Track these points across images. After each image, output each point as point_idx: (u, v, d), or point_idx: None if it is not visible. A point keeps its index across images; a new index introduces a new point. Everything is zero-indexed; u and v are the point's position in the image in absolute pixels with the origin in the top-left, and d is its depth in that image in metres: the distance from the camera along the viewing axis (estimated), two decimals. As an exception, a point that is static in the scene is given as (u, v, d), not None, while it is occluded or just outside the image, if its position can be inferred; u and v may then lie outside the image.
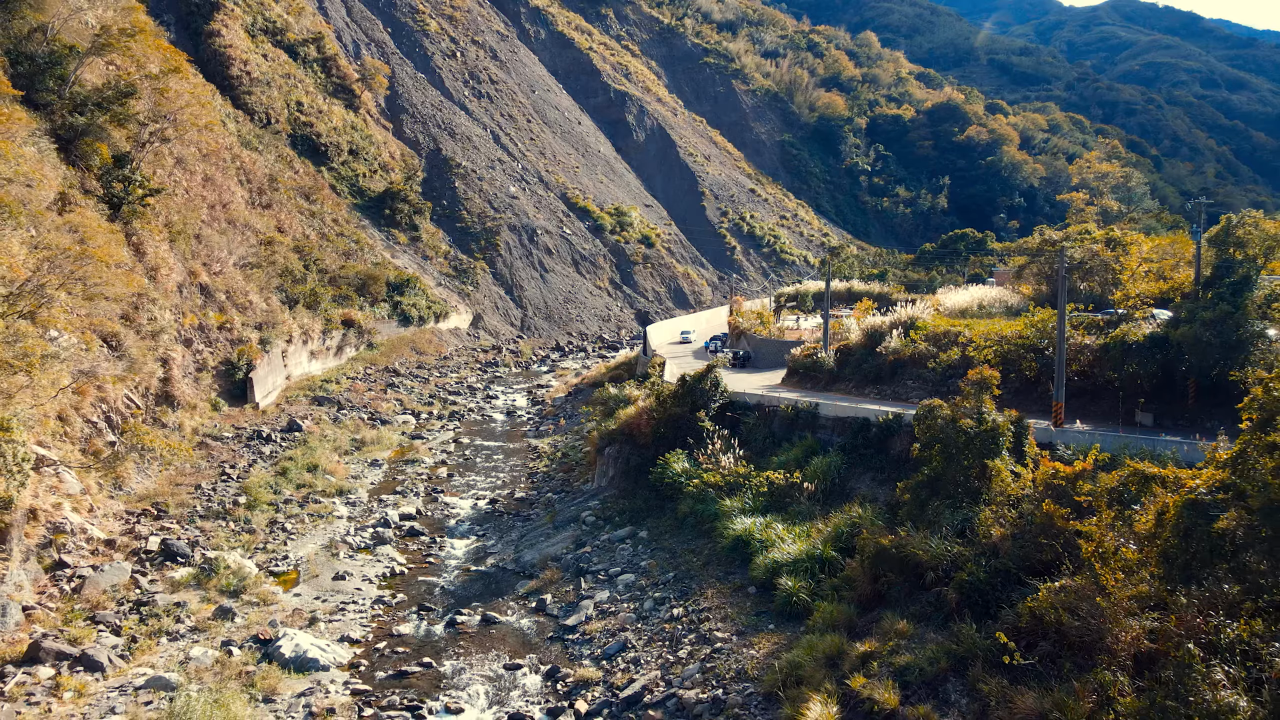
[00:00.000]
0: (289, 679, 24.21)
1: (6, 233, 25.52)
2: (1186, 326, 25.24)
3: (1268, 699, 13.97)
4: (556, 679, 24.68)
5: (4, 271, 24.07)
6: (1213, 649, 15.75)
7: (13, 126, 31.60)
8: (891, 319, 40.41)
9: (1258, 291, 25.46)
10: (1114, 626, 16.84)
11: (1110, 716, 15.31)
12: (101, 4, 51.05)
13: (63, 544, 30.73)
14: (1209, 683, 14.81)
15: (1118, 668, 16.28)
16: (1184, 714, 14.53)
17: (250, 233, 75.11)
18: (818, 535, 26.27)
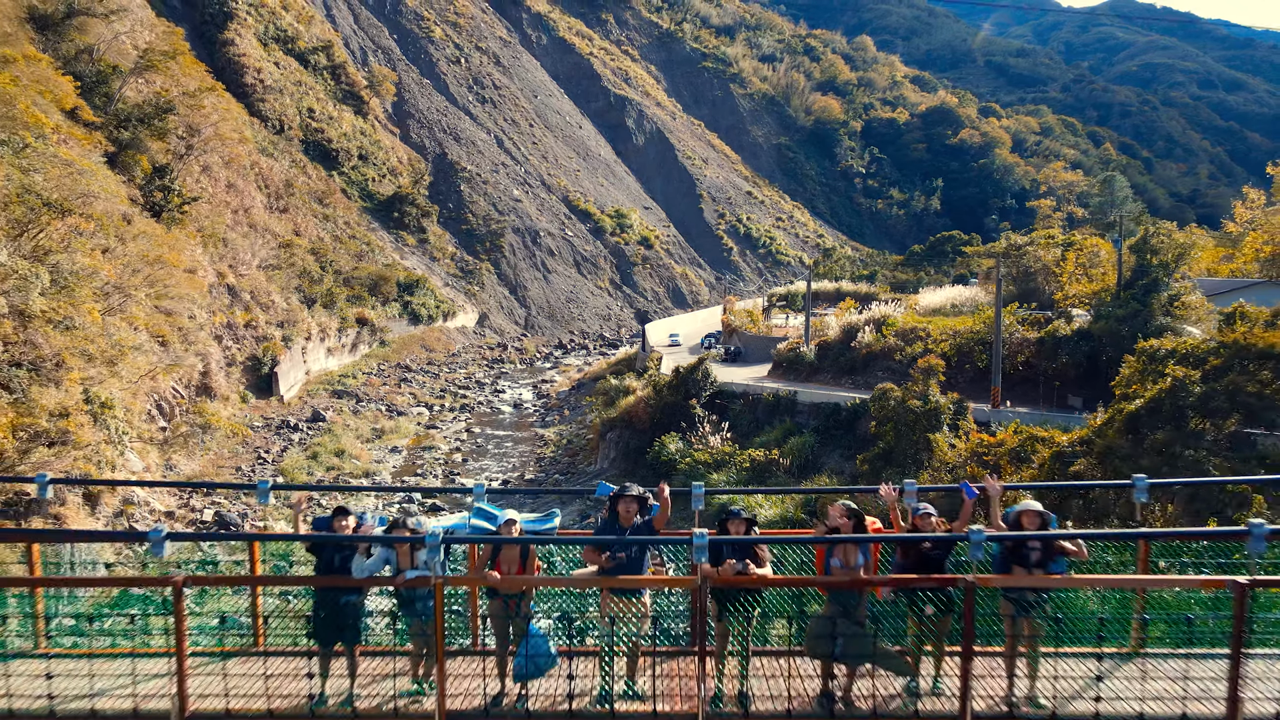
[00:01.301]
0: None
1: (97, 241, 29.82)
2: (1104, 322, 29.50)
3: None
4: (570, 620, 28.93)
5: (104, 274, 28.37)
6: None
7: (87, 146, 35.89)
8: (866, 317, 44.74)
9: (1164, 293, 29.68)
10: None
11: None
12: (142, 27, 55.27)
13: (132, 513, 35.03)
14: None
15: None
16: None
17: (270, 236, 79.44)
18: (790, 502, 30.55)
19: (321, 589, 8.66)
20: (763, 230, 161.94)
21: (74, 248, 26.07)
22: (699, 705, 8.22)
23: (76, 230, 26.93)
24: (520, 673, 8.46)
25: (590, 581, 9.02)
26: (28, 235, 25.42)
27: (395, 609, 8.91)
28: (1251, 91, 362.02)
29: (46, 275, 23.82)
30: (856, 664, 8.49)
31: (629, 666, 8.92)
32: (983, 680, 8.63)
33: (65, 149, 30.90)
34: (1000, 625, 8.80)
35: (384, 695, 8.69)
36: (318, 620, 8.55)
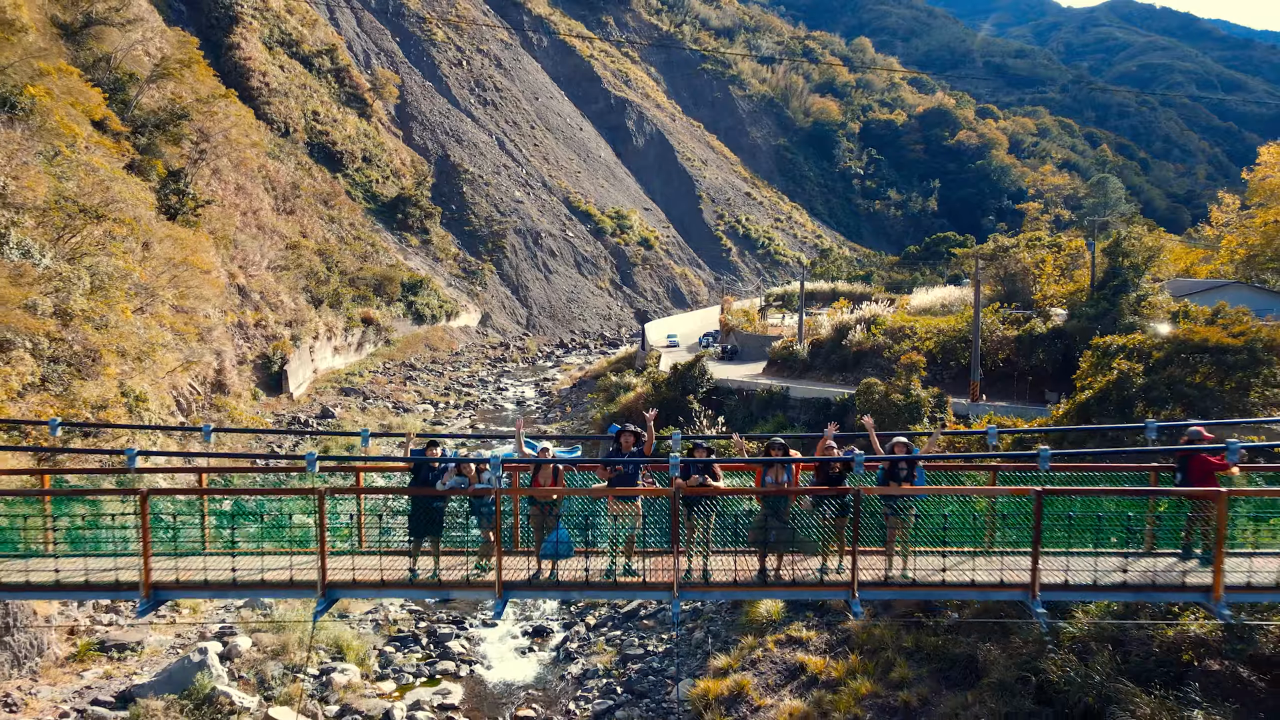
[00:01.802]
0: (357, 600, 30.28)
1: (128, 245, 31.55)
2: (1077, 321, 31.22)
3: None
4: (570, 602, 30.77)
5: (135, 276, 30.10)
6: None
7: (115, 154, 37.61)
8: (856, 316, 46.49)
9: (1132, 293, 31.39)
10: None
11: (973, 598, 21.35)
12: (154, 34, 56.99)
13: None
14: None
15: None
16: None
17: (278, 237, 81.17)
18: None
19: (416, 497, 12.33)
20: (761, 231, 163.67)
21: (109, 250, 27.88)
22: (674, 577, 11.65)
23: (110, 234, 28.67)
24: (548, 552, 11.94)
25: (601, 491, 12.35)
26: (63, 240, 27.15)
27: (468, 511, 12.18)
28: (1250, 92, 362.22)
29: (88, 277, 25.52)
30: (782, 550, 12.08)
31: (626, 552, 12.28)
32: (868, 560, 12.33)
33: (95, 157, 32.58)
34: (882, 522, 12.27)
35: (458, 573, 12.22)
36: (414, 519, 12.22)
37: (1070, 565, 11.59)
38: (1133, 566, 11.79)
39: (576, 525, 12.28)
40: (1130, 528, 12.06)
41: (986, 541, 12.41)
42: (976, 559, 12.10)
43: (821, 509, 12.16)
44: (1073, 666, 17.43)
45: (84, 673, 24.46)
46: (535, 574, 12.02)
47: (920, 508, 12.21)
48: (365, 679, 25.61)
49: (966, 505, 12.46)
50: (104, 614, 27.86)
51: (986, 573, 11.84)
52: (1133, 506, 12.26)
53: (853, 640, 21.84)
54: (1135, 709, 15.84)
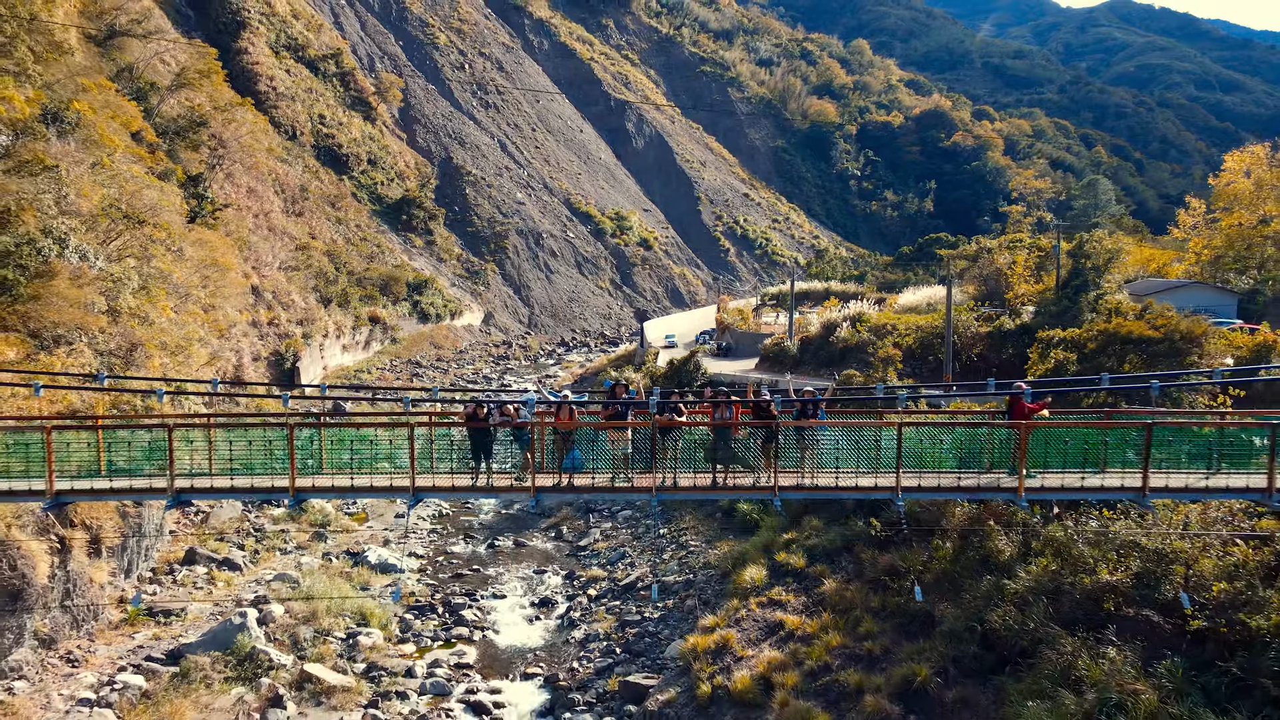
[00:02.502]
0: (377, 576, 32.93)
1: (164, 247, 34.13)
2: (1041, 317, 33.75)
3: (1018, 543, 22.61)
4: (573, 578, 33.39)
5: (174, 277, 32.62)
6: (1007, 524, 24.38)
7: (149, 163, 40.17)
8: (843, 314, 49.05)
9: (1091, 292, 33.93)
10: (949, 513, 25.46)
11: (935, 562, 23.94)
12: (171, 44, 59.54)
13: (185, 489, 39.34)
14: (995, 540, 23.45)
15: (947, 538, 24.87)
16: (975, 556, 23.22)
17: (288, 238, 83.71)
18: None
19: (474, 430, 17.52)
20: (759, 231, 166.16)
21: (151, 253, 30.29)
22: (654, 483, 16.68)
23: (150, 238, 31.14)
24: (567, 467, 16.83)
25: (603, 425, 17.40)
26: (109, 243, 29.64)
27: (511, 438, 17.08)
28: (1249, 92, 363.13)
29: (136, 278, 27.96)
30: (727, 464, 17.21)
31: (622, 466, 17.10)
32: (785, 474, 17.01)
33: (133, 166, 35.06)
34: (796, 446, 17.24)
35: (505, 481, 17.41)
36: (474, 446, 17.48)
37: (922, 474, 16.85)
38: (970, 478, 16.79)
39: (585, 447, 16.96)
40: (969, 450, 17.12)
41: (873, 460, 17.12)
42: (860, 474, 16.95)
43: (753, 436, 17.00)
44: (1012, 616, 20.02)
45: (135, 635, 27.06)
46: (558, 482, 16.93)
47: (826, 437, 17.07)
48: (388, 642, 28.21)
49: (853, 435, 17.23)
50: (149, 585, 30.46)
51: (869, 479, 16.79)
52: (971, 436, 17.58)
53: (827, 601, 24.42)
54: (1061, 649, 18.44)
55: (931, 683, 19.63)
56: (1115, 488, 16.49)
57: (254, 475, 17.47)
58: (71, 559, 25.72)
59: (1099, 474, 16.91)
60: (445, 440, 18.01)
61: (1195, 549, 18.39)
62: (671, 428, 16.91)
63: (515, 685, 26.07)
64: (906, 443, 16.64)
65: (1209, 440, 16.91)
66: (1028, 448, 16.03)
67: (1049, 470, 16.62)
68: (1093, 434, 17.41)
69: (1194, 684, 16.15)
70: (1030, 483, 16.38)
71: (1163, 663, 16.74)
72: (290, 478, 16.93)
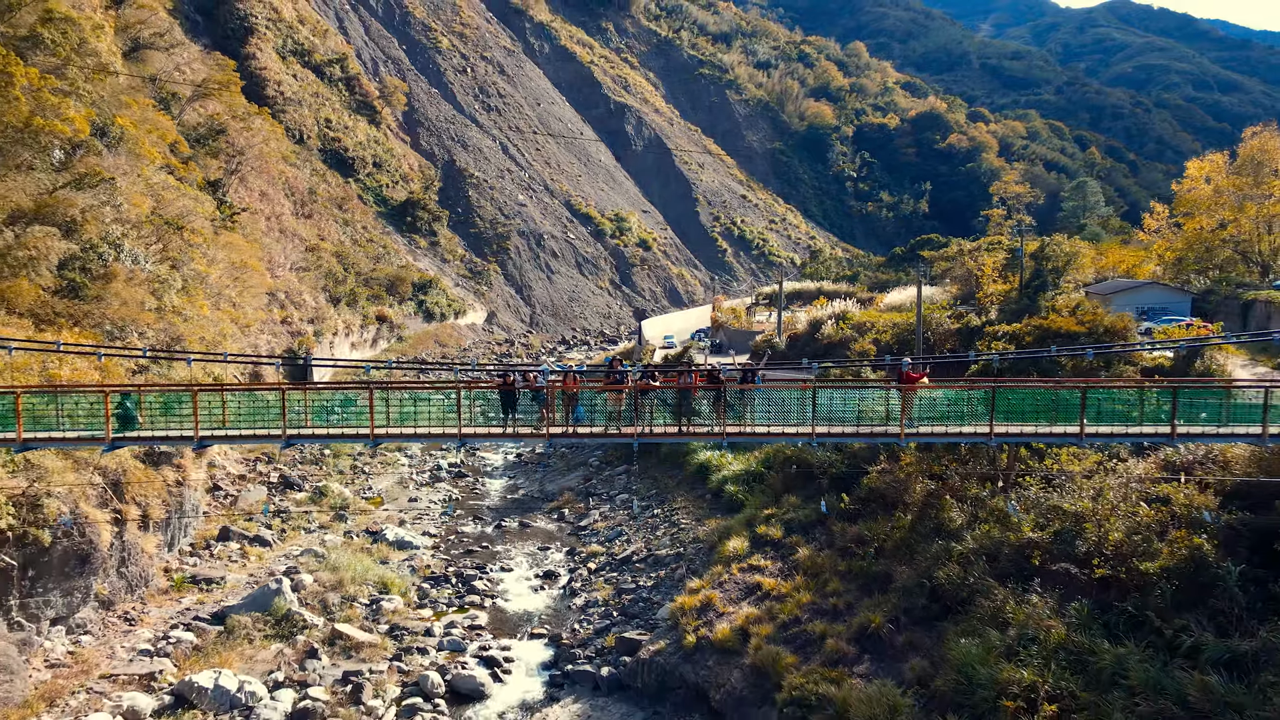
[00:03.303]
0: (395, 552, 35.99)
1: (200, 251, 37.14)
2: (1003, 315, 36.73)
3: (969, 512, 25.66)
4: (574, 553, 36.44)
5: (210, 278, 35.64)
6: (960, 498, 27.42)
7: (183, 173, 43.23)
8: (828, 312, 52.06)
9: (1049, 292, 36.90)
10: (910, 489, 28.50)
11: (895, 531, 26.97)
12: (199, 61, 62.54)
13: (213, 475, 42.45)
14: (949, 512, 26.48)
15: (907, 511, 27.91)
16: (931, 525, 26.26)
17: (298, 240, 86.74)
18: (753, 459, 37.95)
19: (504, 391, 21.10)
20: (756, 232, 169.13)
21: (190, 256, 33.17)
22: (635, 432, 20.60)
23: (188, 243, 34.08)
24: (573, 420, 20.37)
25: (602, 387, 21.46)
26: (152, 247, 32.61)
27: (531, 398, 20.34)
28: (1247, 92, 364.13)
29: (179, 279, 30.87)
30: (689, 417, 21.19)
31: (616, 419, 20.94)
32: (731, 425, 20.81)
33: (170, 176, 37.98)
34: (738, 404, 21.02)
35: (527, 429, 21.24)
36: (503, 403, 21.07)
37: (832, 425, 20.85)
38: (866, 427, 21.16)
39: (587, 405, 21.00)
40: (866, 408, 21.37)
41: (799, 415, 21.12)
42: (788, 424, 21.05)
43: (705, 396, 20.96)
44: (956, 573, 23.06)
45: (181, 599, 30.13)
46: (566, 430, 21.01)
47: (760, 397, 21.09)
48: (408, 607, 31.28)
49: (780, 395, 21.31)
50: (189, 557, 33.52)
51: (794, 428, 20.96)
52: (867, 397, 21.85)
53: (800, 566, 27.46)
54: (993, 598, 21.48)
55: (884, 629, 22.68)
56: (1060, 434, 20.23)
57: (345, 425, 21.72)
58: (126, 531, 28.79)
59: (1049, 425, 20.39)
60: (482, 400, 21.76)
61: (1105, 510, 21.45)
62: (648, 390, 21.03)
63: (523, 643, 29.13)
64: (821, 405, 20.63)
65: (1127, 399, 20.17)
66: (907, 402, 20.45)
67: (931, 421, 21.00)
68: (954, 394, 21.39)
69: (1096, 621, 19.19)
70: (910, 430, 20.81)
71: (1072, 604, 19.79)
72: (370, 426, 21.04)
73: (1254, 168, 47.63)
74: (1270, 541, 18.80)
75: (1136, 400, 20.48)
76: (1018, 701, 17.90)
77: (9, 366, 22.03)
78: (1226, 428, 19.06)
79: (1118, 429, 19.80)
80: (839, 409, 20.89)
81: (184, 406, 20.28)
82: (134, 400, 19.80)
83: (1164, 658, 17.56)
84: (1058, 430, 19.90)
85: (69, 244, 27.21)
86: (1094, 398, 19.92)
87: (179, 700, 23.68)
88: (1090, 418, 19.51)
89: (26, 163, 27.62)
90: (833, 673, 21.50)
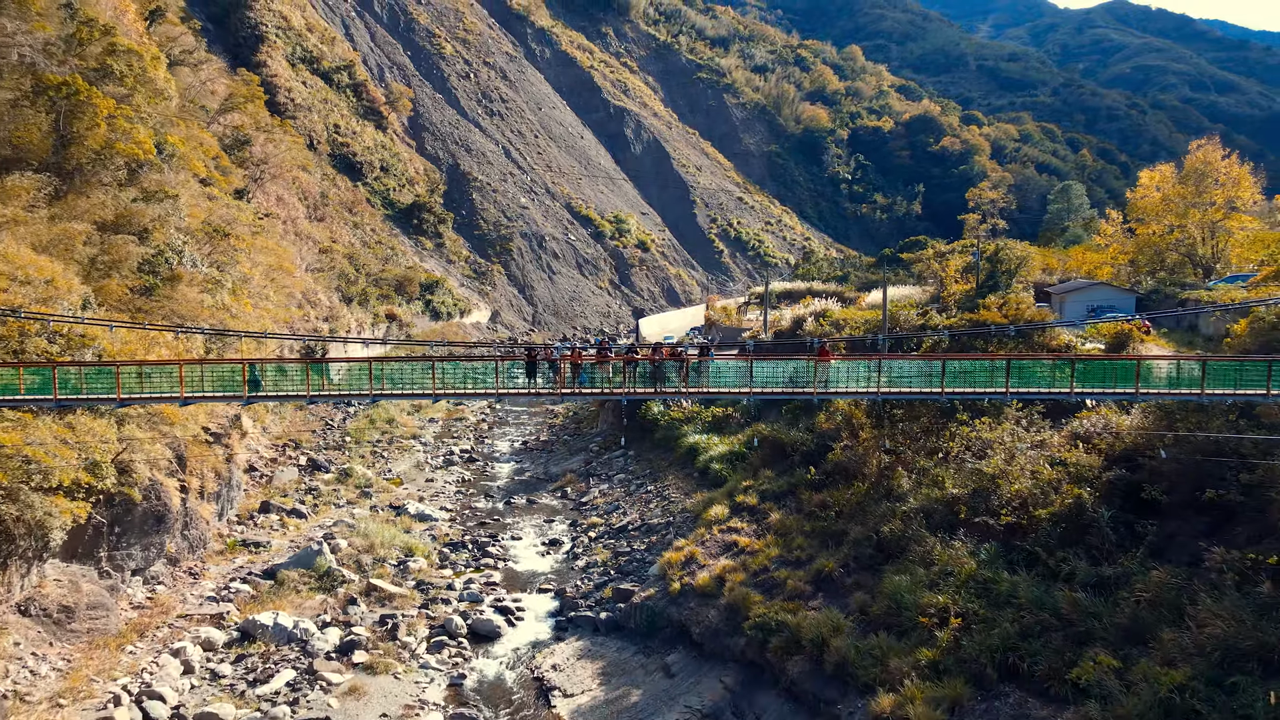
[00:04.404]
0: (416, 523, 40.44)
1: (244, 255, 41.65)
2: (960, 313, 41.20)
3: (915, 480, 30.12)
4: (576, 525, 40.89)
5: (254, 280, 40.04)
6: (910, 469, 31.86)
7: (225, 185, 47.66)
8: (810, 310, 56.50)
9: (1000, 291, 41.32)
10: (868, 463, 32.94)
11: (853, 497, 31.38)
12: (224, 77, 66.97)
13: (248, 458, 46.87)
14: (899, 480, 30.91)
15: (865, 480, 32.31)
16: (883, 491, 30.71)
17: (312, 242, 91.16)
18: (737, 441, 42.39)
19: (528, 361, 26.14)
20: (752, 234, 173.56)
21: (236, 259, 37.57)
22: (624, 391, 26.25)
23: (234, 248, 38.52)
24: (579, 383, 24.84)
25: (596, 359, 26.26)
26: (206, 252, 36.95)
27: (548, 366, 24.70)
28: (1244, 93, 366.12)
29: (231, 280, 35.20)
30: (662, 380, 25.72)
31: (610, 380, 25.81)
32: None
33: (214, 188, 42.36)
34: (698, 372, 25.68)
35: (547, 388, 25.60)
36: (528, 370, 26.14)
37: (768, 384, 25.62)
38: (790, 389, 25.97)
39: (588, 374, 25.42)
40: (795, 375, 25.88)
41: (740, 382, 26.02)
42: (734, 389, 26.05)
43: (673, 367, 25.24)
44: (898, 527, 27.49)
45: (234, 559, 34.58)
46: (573, 390, 25.75)
47: (713, 368, 25.62)
48: (430, 567, 35.73)
49: (730, 365, 26.13)
50: (236, 526, 37.97)
51: (734, 389, 26.17)
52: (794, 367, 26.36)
53: (771, 528, 31.90)
54: (925, 545, 25.91)
55: (836, 572, 27.13)
56: (988, 391, 24.56)
57: (414, 387, 26.74)
58: (189, 498, 33.24)
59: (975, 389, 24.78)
60: (509, 370, 26.70)
61: (1016, 471, 25.91)
62: (631, 360, 25.82)
63: (532, 596, 33.58)
64: (759, 373, 25.67)
65: (1046, 368, 24.63)
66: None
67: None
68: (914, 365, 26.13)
69: (1001, 558, 23.63)
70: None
71: (984, 546, 24.25)
72: (433, 387, 26.15)
73: (1197, 178, 51.93)
74: (1139, 492, 23.24)
75: (1049, 370, 24.83)
76: (932, 619, 22.36)
77: (122, 348, 26.43)
78: (1112, 388, 23.44)
79: (1035, 390, 24.19)
80: (771, 376, 26.08)
81: (296, 374, 25.02)
82: (259, 370, 24.64)
83: (1047, 583, 22.01)
84: (992, 389, 24.31)
85: (143, 248, 31.61)
86: (1016, 366, 24.21)
87: (244, 635, 28.14)
88: (1014, 383, 23.88)
89: (104, 180, 32.00)
90: (791, 605, 25.96)
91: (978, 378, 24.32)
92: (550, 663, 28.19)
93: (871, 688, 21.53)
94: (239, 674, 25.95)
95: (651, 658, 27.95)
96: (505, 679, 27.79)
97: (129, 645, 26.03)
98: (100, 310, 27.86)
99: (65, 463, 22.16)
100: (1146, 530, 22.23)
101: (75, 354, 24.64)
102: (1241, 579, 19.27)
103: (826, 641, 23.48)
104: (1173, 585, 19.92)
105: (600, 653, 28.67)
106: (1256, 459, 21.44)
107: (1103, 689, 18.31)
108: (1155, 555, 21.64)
